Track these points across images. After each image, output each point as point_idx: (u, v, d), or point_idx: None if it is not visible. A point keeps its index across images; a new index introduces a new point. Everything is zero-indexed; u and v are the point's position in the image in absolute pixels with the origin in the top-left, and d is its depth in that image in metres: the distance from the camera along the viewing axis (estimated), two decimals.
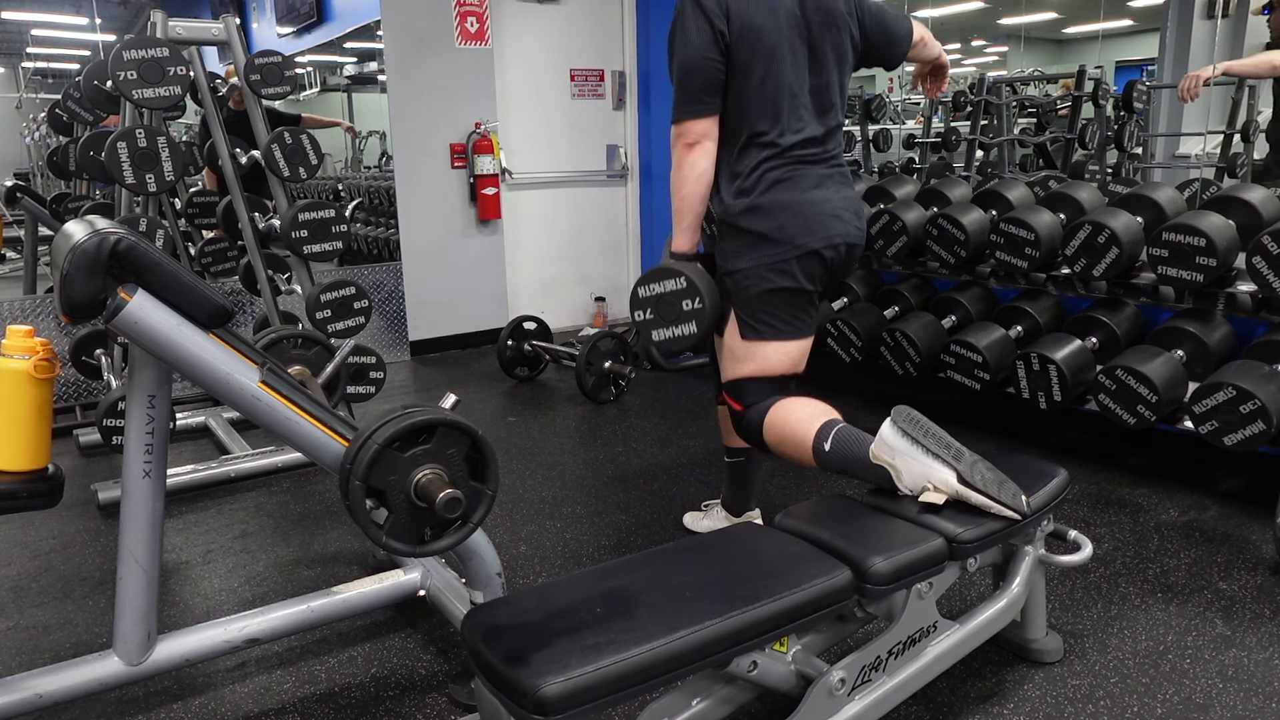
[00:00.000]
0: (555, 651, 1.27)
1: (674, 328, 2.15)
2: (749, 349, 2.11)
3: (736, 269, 2.09)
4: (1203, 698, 1.83)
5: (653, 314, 2.17)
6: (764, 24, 2.00)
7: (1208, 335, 2.77)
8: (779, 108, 2.03)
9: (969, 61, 7.93)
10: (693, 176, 2.06)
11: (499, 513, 2.83)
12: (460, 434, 1.46)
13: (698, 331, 2.11)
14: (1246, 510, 2.71)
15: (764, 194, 2.05)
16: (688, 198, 2.09)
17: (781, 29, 2.01)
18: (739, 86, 2.03)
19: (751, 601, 1.40)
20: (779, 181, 2.05)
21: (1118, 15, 6.34)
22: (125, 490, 1.60)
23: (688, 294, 2.11)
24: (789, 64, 2.03)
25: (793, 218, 2.04)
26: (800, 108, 2.06)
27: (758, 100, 2.03)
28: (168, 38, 2.85)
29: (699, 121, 2.04)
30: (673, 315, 2.14)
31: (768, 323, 2.09)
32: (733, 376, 2.16)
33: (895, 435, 1.75)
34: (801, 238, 2.04)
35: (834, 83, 2.12)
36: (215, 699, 1.92)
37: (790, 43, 2.03)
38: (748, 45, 2.00)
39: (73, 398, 4.00)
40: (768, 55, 2.01)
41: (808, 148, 2.08)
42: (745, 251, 2.07)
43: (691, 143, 2.05)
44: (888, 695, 1.61)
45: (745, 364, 2.12)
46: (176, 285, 1.42)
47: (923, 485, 1.72)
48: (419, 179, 4.91)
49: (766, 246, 2.04)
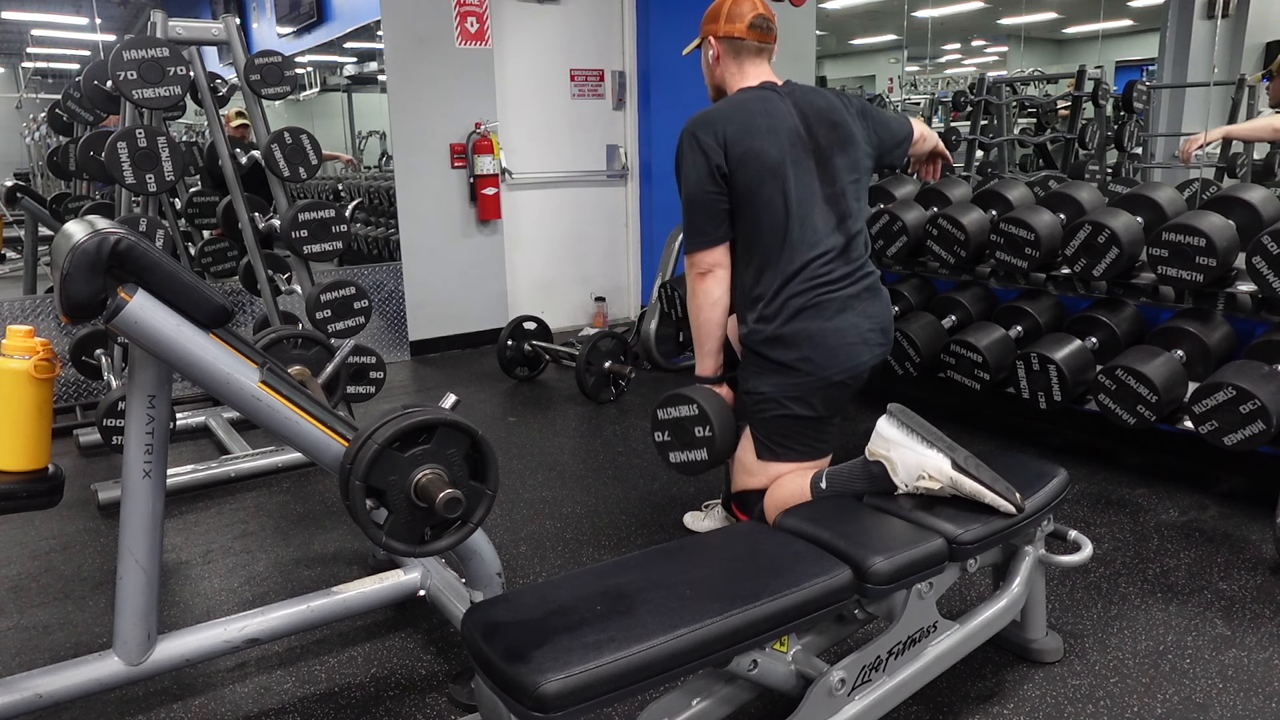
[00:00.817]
0: (555, 649, 1.27)
1: (687, 452, 2.21)
2: (763, 467, 2.09)
3: (755, 391, 2.07)
4: (1203, 698, 1.83)
5: (670, 436, 2.23)
6: (765, 147, 1.98)
7: (1208, 335, 2.77)
8: (790, 226, 1.99)
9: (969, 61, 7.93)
10: (708, 304, 2.09)
11: (499, 513, 2.83)
12: (460, 434, 1.46)
13: (709, 458, 2.17)
14: (1246, 510, 2.71)
15: (787, 324, 2.00)
16: (705, 325, 2.12)
17: (783, 148, 2.00)
18: (748, 210, 2.01)
19: (751, 600, 1.40)
20: (802, 310, 2.00)
21: (1118, 15, 6.34)
22: (125, 490, 1.60)
23: (699, 422, 2.15)
24: (794, 180, 2.00)
25: (816, 349, 1.99)
26: (814, 221, 2.01)
27: (768, 221, 2.00)
28: (168, 38, 2.85)
29: (709, 252, 2.06)
30: (686, 440, 2.20)
31: (784, 445, 2.07)
32: (742, 488, 2.16)
33: (891, 427, 1.76)
34: (825, 370, 2.00)
35: (849, 191, 2.07)
36: (215, 699, 1.92)
37: (794, 158, 2.00)
38: (750, 169, 1.98)
39: (73, 398, 4.00)
40: (772, 175, 1.98)
41: (828, 263, 2.01)
42: (766, 375, 2.04)
43: (703, 272, 2.07)
44: (888, 695, 1.61)
45: (756, 478, 2.11)
46: (176, 285, 1.42)
47: (917, 474, 1.72)
48: (419, 179, 4.91)
49: (789, 374, 2.01)
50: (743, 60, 2.11)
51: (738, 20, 2.08)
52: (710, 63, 2.16)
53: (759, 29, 2.09)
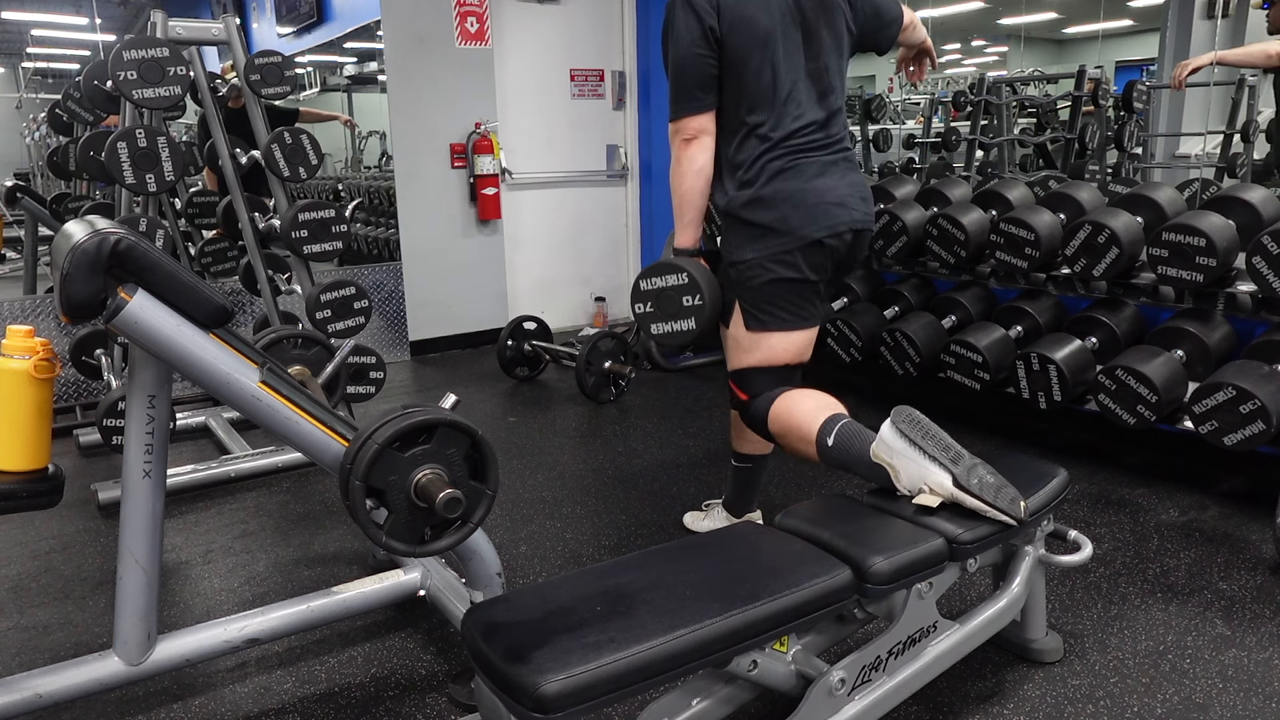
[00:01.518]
0: (555, 649, 1.26)
1: (673, 323, 2.16)
2: (754, 339, 2.12)
3: (740, 260, 2.09)
4: (1203, 698, 1.83)
5: (653, 307, 2.18)
6: (755, 14, 2.00)
7: (1208, 335, 2.77)
8: (776, 96, 2.03)
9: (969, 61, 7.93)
10: (691, 171, 2.08)
11: (499, 513, 2.83)
12: (460, 434, 1.46)
13: (696, 328, 2.13)
14: (1246, 510, 2.71)
15: (766, 185, 2.04)
16: (688, 193, 2.10)
17: (774, 17, 2.02)
18: (734, 78, 2.03)
19: (751, 600, 1.40)
20: (781, 172, 2.04)
21: (1118, 15, 6.34)
22: (125, 490, 1.60)
23: (688, 290, 2.11)
24: (782, 51, 2.03)
25: (795, 208, 2.03)
26: (799, 94, 2.06)
27: (754, 90, 2.03)
28: (168, 38, 2.85)
29: (695, 118, 2.06)
30: (672, 310, 2.15)
31: (772, 313, 2.09)
32: (738, 366, 2.17)
33: (894, 436, 1.75)
34: (805, 228, 2.03)
35: (832, 66, 2.11)
36: (215, 699, 1.92)
37: (784, 29, 2.03)
38: (740, 36, 2.00)
39: (73, 398, 4.00)
40: (761, 44, 2.01)
41: (809, 134, 2.07)
42: (749, 243, 2.07)
43: (689, 138, 2.07)
44: (888, 695, 1.61)
45: (750, 354, 2.13)
46: (176, 285, 1.42)
47: (919, 487, 1.72)
48: (419, 179, 4.91)
49: (770, 238, 2.04)
50: None
51: None
52: None
53: None
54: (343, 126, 6.34)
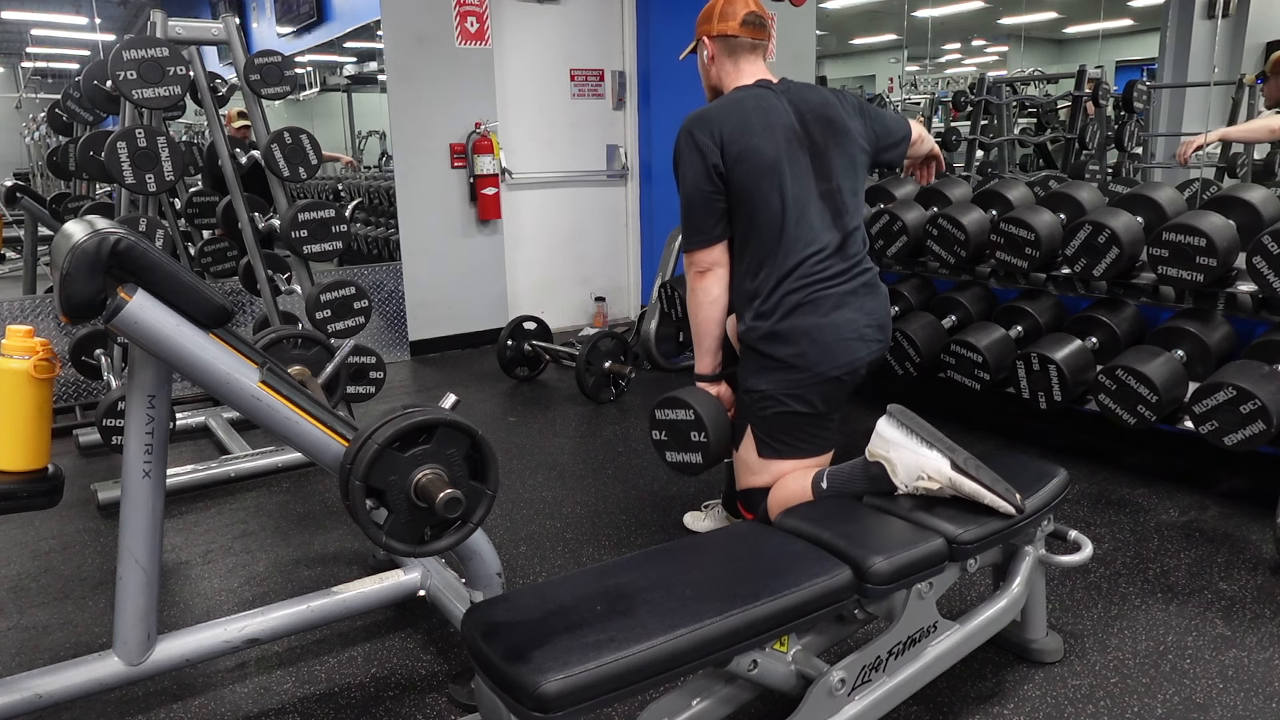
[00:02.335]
0: (555, 649, 1.27)
1: (683, 454, 2.24)
2: (764, 465, 2.11)
3: (755, 389, 2.08)
4: (1203, 698, 1.83)
5: (667, 436, 2.27)
6: (761, 144, 1.99)
7: (1208, 335, 2.77)
8: (786, 222, 2.00)
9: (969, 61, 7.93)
10: (706, 302, 2.11)
11: (499, 513, 2.83)
12: (460, 434, 1.46)
13: (702, 461, 2.20)
14: (1246, 510, 2.71)
15: (783, 320, 2.01)
16: (704, 322, 2.14)
17: (779, 144, 2.01)
18: (744, 208, 2.03)
19: (751, 600, 1.40)
20: (798, 306, 2.00)
21: (1118, 15, 6.34)
22: (125, 490, 1.60)
23: (694, 427, 2.18)
24: (791, 177, 2.01)
25: (813, 345, 2.00)
26: (810, 218, 2.02)
27: (764, 218, 2.01)
28: (168, 38, 2.85)
29: (707, 251, 2.08)
30: (682, 442, 2.23)
31: (784, 442, 2.08)
32: (745, 486, 2.18)
33: (891, 427, 1.76)
34: (821, 365, 2.01)
35: (845, 187, 2.08)
36: (215, 699, 1.92)
37: (790, 155, 2.02)
38: (745, 167, 2.00)
39: (73, 398, 4.00)
40: (768, 172, 1.99)
41: (824, 261, 2.02)
42: (764, 373, 2.06)
43: (702, 271, 2.09)
44: (888, 695, 1.61)
45: (758, 477, 2.13)
46: (176, 285, 1.42)
47: (916, 475, 1.72)
48: (419, 179, 4.91)
49: (786, 372, 2.02)
50: (738, 58, 2.12)
51: (730, 19, 2.09)
52: (706, 63, 2.17)
53: (752, 25, 2.10)
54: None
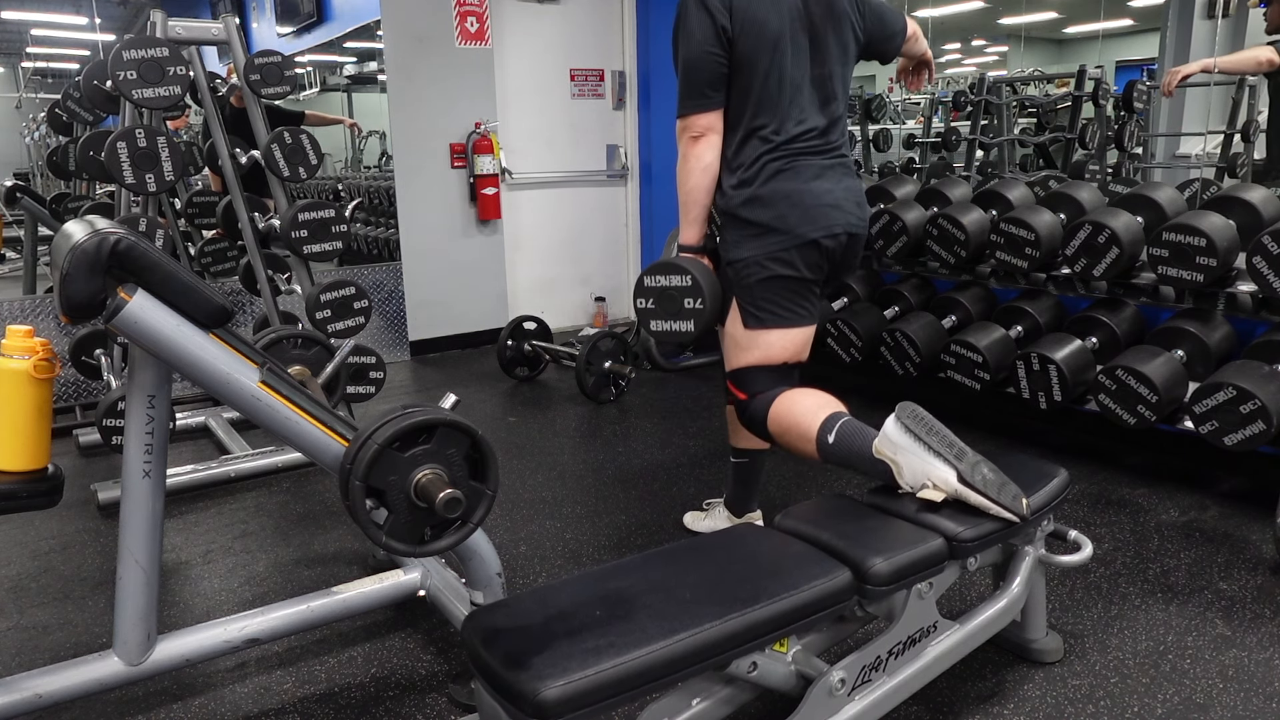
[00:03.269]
0: (555, 655, 1.26)
1: (673, 322, 2.19)
2: (752, 337, 2.14)
3: (738, 258, 2.11)
4: (1203, 698, 1.83)
5: (654, 304, 2.20)
6: (767, 17, 2.03)
7: (1208, 335, 2.77)
8: (781, 99, 2.06)
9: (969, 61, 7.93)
10: (698, 169, 2.11)
11: (499, 513, 2.83)
12: (460, 434, 1.46)
13: (694, 330, 2.16)
14: (1246, 510, 2.71)
15: (764, 185, 2.07)
16: (694, 190, 2.13)
17: (784, 21, 2.04)
18: (742, 80, 2.06)
19: (751, 603, 1.40)
20: (779, 172, 2.07)
21: (1118, 15, 6.33)
22: (125, 490, 1.60)
23: (690, 293, 2.13)
24: (790, 56, 2.06)
25: (792, 207, 2.06)
26: (802, 99, 2.09)
27: (760, 93, 2.05)
28: (167, 38, 2.85)
29: (703, 115, 2.08)
30: (673, 310, 2.18)
31: (770, 310, 2.12)
32: (736, 365, 2.19)
33: (898, 431, 1.76)
34: (801, 227, 2.06)
35: (836, 73, 2.14)
36: (215, 699, 1.92)
37: (792, 34, 2.06)
38: (750, 38, 2.02)
39: (73, 398, 4.00)
40: (770, 47, 2.03)
41: (809, 139, 2.10)
42: (746, 241, 2.10)
43: (696, 135, 2.09)
44: (888, 695, 1.61)
45: (748, 352, 2.15)
46: (176, 285, 1.42)
47: (922, 482, 1.72)
48: (419, 179, 4.91)
49: (767, 236, 2.07)
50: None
51: None
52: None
53: None
54: (345, 128, 6.34)
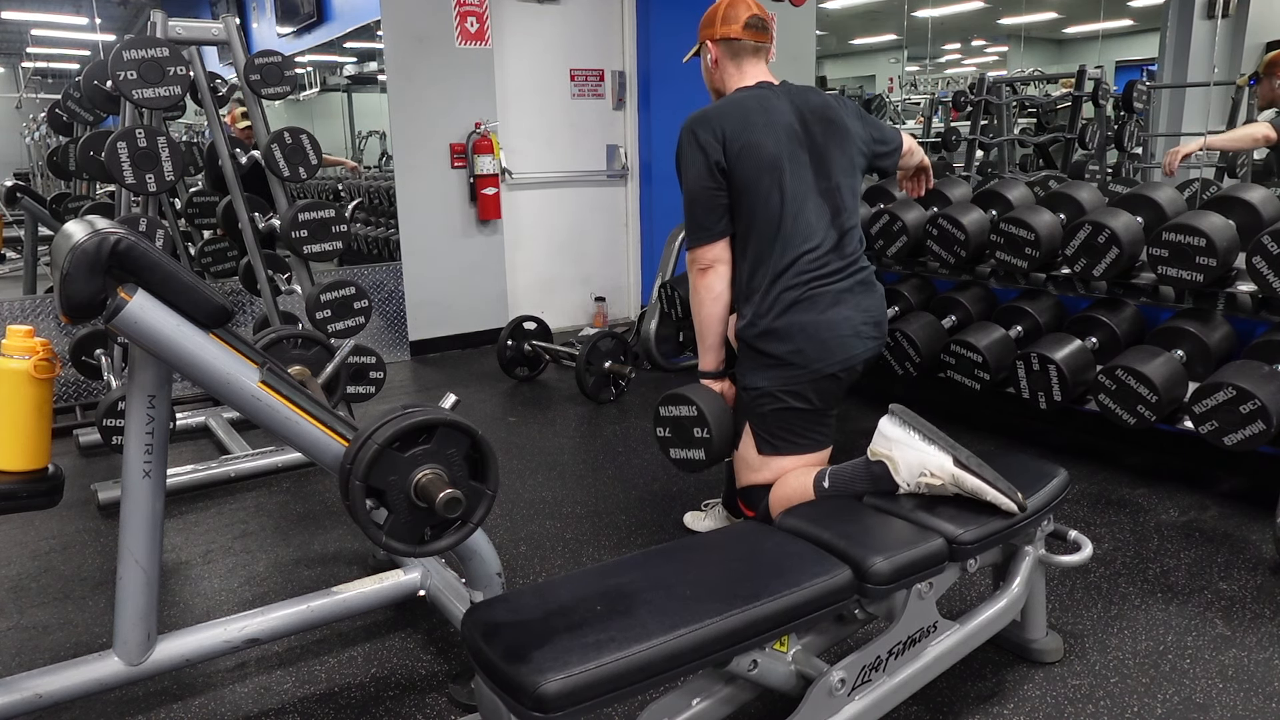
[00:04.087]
0: (555, 649, 1.27)
1: (687, 450, 2.26)
2: (764, 462, 2.13)
3: (752, 386, 2.10)
4: (1203, 698, 1.83)
5: (670, 433, 2.29)
6: (763, 140, 2.03)
7: (1208, 335, 2.77)
8: (784, 218, 2.03)
9: (969, 61, 7.94)
10: (709, 299, 2.13)
11: (499, 513, 2.83)
12: (460, 434, 1.46)
13: (705, 458, 2.22)
14: (1246, 510, 2.71)
15: (779, 317, 2.04)
16: (707, 319, 2.16)
17: (781, 141, 2.04)
18: (746, 204, 2.05)
19: (751, 600, 1.40)
20: (795, 303, 2.03)
21: (1118, 15, 6.34)
22: (125, 490, 1.60)
23: (697, 423, 2.20)
24: (790, 174, 2.04)
25: (809, 341, 2.03)
26: (808, 214, 2.05)
27: (764, 214, 2.04)
28: (168, 38, 2.85)
29: (709, 247, 2.10)
30: (685, 438, 2.25)
31: (784, 439, 2.10)
32: (747, 484, 2.19)
33: (893, 425, 1.77)
34: (818, 362, 2.03)
35: (844, 185, 2.11)
36: (215, 699, 1.92)
37: (790, 153, 2.05)
38: (747, 163, 2.02)
39: (73, 398, 4.00)
40: (769, 169, 2.02)
41: (823, 259, 2.05)
42: (761, 371, 2.08)
43: (704, 268, 2.11)
44: (888, 695, 1.61)
45: (759, 474, 2.15)
46: (176, 285, 1.42)
47: (919, 472, 1.73)
48: (419, 179, 4.91)
49: (783, 369, 2.05)
50: (741, 61, 2.16)
51: (733, 22, 2.12)
52: (709, 67, 2.20)
53: (754, 29, 2.13)
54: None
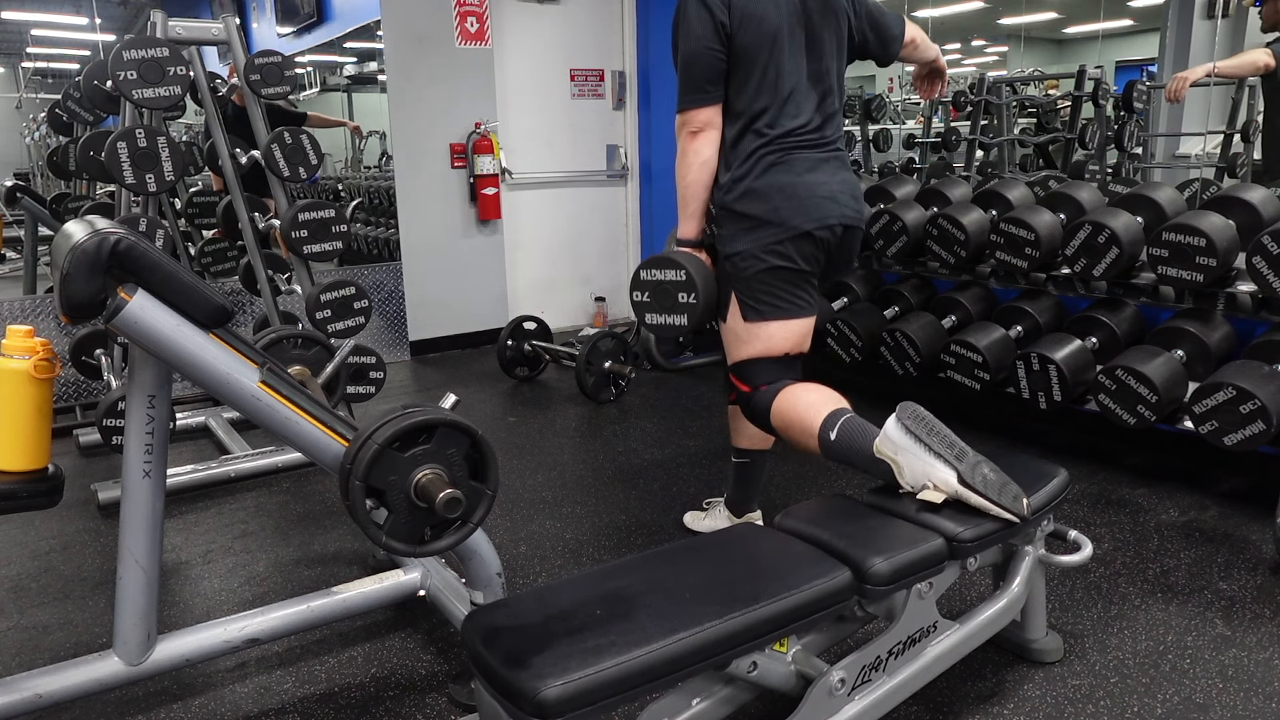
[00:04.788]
0: (555, 654, 1.26)
1: (667, 315, 2.22)
2: (751, 330, 2.15)
3: (734, 252, 2.13)
4: (1203, 698, 1.83)
5: (650, 298, 2.24)
6: (765, 12, 2.05)
7: (1208, 335, 2.77)
8: (778, 94, 2.08)
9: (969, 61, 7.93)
10: (697, 163, 2.12)
11: (499, 513, 2.83)
12: (460, 434, 1.46)
13: (688, 324, 2.19)
14: (1246, 510, 2.71)
15: (759, 178, 2.08)
16: (692, 184, 2.15)
17: (782, 16, 2.06)
18: (740, 74, 2.08)
19: (751, 602, 1.40)
20: (774, 165, 2.08)
21: (1118, 15, 6.33)
22: (125, 490, 1.60)
23: (685, 287, 2.17)
24: (788, 51, 2.08)
25: (786, 200, 2.07)
26: (799, 94, 2.10)
27: (758, 87, 2.07)
28: (168, 38, 2.85)
29: (702, 110, 2.10)
30: (668, 304, 2.21)
31: (768, 302, 2.13)
32: (738, 358, 2.20)
33: (899, 432, 1.76)
34: (795, 219, 2.07)
35: (832, 69, 2.16)
36: (215, 699, 1.92)
37: (790, 29, 2.08)
38: (749, 33, 2.04)
39: (73, 398, 4.00)
40: (768, 42, 2.05)
41: (804, 133, 2.11)
42: (741, 235, 2.11)
43: (695, 130, 2.11)
44: (888, 695, 1.61)
45: (749, 345, 2.16)
46: (176, 285, 1.42)
47: (923, 483, 1.72)
48: (419, 179, 4.91)
49: (762, 229, 2.08)
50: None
51: None
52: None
53: None
54: (346, 130, 6.35)
